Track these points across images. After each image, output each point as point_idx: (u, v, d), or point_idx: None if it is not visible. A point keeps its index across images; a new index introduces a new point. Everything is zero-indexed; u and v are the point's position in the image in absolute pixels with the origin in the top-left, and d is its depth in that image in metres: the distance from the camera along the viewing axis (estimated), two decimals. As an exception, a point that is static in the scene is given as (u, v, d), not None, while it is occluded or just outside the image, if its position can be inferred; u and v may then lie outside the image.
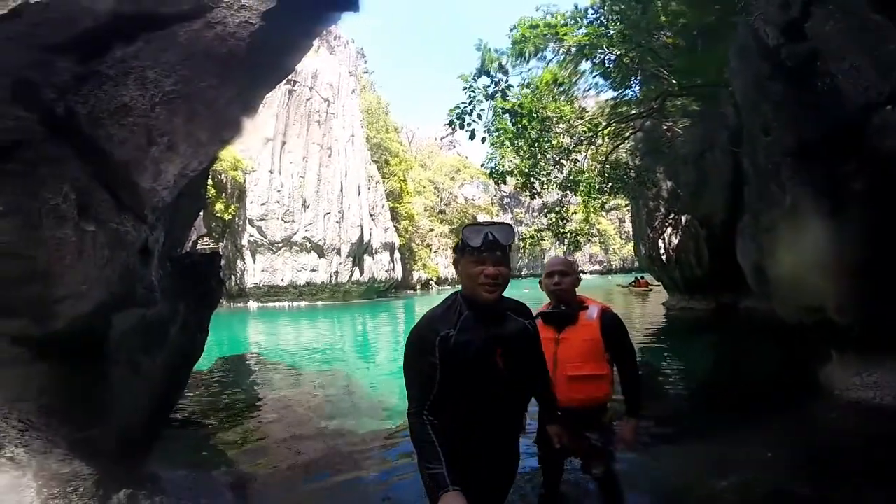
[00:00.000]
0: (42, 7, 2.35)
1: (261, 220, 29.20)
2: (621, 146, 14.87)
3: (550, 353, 2.45)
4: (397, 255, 37.68)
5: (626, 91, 11.15)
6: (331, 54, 33.61)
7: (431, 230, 46.84)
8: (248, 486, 3.45)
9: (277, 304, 30.66)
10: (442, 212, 50.16)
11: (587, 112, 12.12)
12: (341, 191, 30.41)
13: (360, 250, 33.29)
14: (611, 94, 11.67)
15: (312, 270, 31.06)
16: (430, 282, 46.54)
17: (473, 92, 6.86)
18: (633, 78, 10.36)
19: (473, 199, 55.65)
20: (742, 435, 4.34)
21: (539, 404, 2.14)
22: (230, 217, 28.76)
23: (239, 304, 30.56)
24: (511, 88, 7.12)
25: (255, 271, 30.44)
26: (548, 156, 12.56)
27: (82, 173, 2.36)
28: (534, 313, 2.71)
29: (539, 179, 12.34)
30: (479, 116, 7.58)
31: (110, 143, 2.27)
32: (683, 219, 17.03)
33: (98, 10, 2.23)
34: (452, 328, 1.70)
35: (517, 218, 63.78)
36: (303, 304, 30.89)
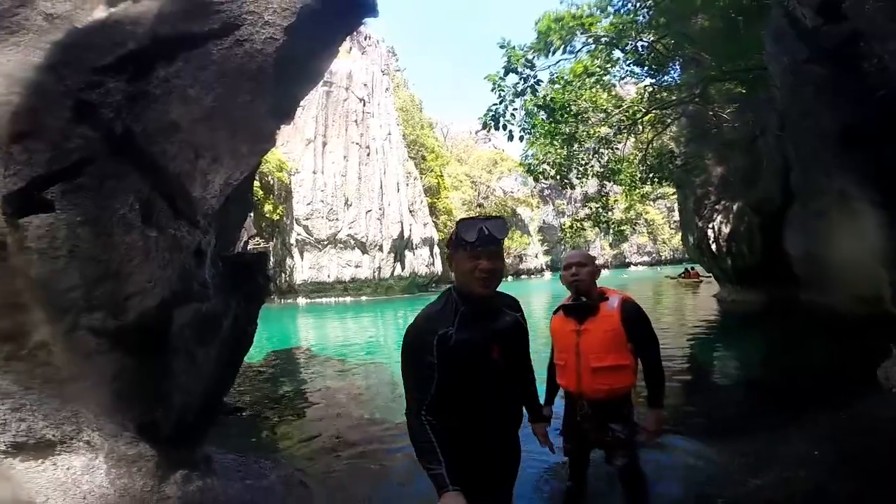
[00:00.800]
0: (93, 31, 2.69)
1: (307, 219, 30.41)
2: (664, 133, 14.32)
3: (573, 345, 2.54)
4: (437, 249, 38.11)
5: (665, 77, 10.72)
6: (363, 55, 34.36)
7: (472, 224, 47.04)
8: (290, 470, 3.74)
9: (324, 299, 31.91)
10: (480, 205, 50.08)
11: (624, 100, 11.78)
12: (381, 188, 31.13)
13: (401, 246, 33.94)
14: (649, 81, 11.25)
15: (356, 266, 32.03)
16: (471, 276, 46.70)
17: (503, 91, 6.86)
18: (670, 64, 9.95)
19: (512, 192, 55.06)
20: (789, 431, 4.22)
21: (524, 403, 2.11)
22: (278, 217, 30.14)
23: (288, 300, 32.06)
24: (540, 83, 7.05)
25: (302, 268, 31.78)
26: (585, 146, 12.32)
27: (143, 185, 2.68)
28: (556, 307, 2.79)
29: (575, 170, 12.15)
30: (513, 115, 7.56)
31: (164, 158, 2.57)
32: (735, 206, 16.16)
33: (138, 33, 2.53)
34: (451, 326, 1.71)
35: (559, 209, 62.53)
36: (348, 299, 31.97)
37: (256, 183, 25.27)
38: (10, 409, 3.12)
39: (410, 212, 34.46)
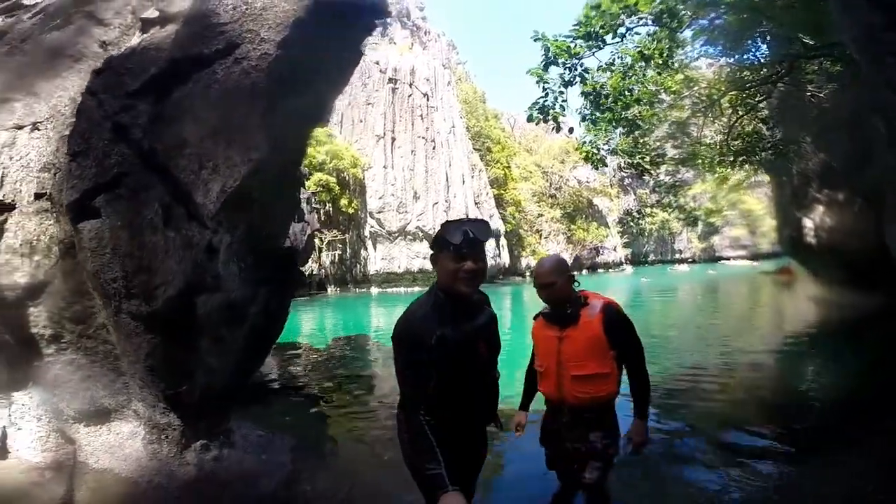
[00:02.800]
0: (125, 58, 3.14)
1: (379, 212, 31.78)
2: (750, 115, 12.84)
3: (553, 352, 2.46)
4: (503, 241, 37.76)
5: (744, 56, 9.57)
6: (424, 50, 34.75)
7: (541, 216, 45.69)
8: (310, 450, 4.04)
9: (395, 289, 33.24)
10: (552, 196, 48.50)
11: (695, 81, 10.75)
12: (446, 181, 31.53)
13: (468, 238, 34.15)
14: (724, 60, 10.13)
15: (425, 258, 32.83)
16: (541, 268, 45.57)
17: (547, 83, 6.62)
18: (748, 42, 8.87)
19: (587, 182, 52.59)
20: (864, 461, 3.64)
21: None
22: (353, 211, 31.84)
23: (363, 289, 33.89)
24: (588, 72, 6.69)
25: (375, 259, 33.34)
26: (656, 132, 11.44)
27: (164, 194, 3.11)
28: (536, 313, 2.71)
29: (644, 156, 11.36)
30: (562, 107, 7.26)
31: (177, 170, 2.97)
32: (840, 196, 14.04)
33: (160, 58, 2.91)
34: (446, 326, 1.73)
35: (641, 199, 58.60)
36: (417, 289, 32.98)
37: (333, 179, 26.96)
38: (80, 380, 3.81)
39: (476, 204, 34.52)
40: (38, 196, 3.97)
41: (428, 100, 31.30)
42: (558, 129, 7.97)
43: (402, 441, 1.78)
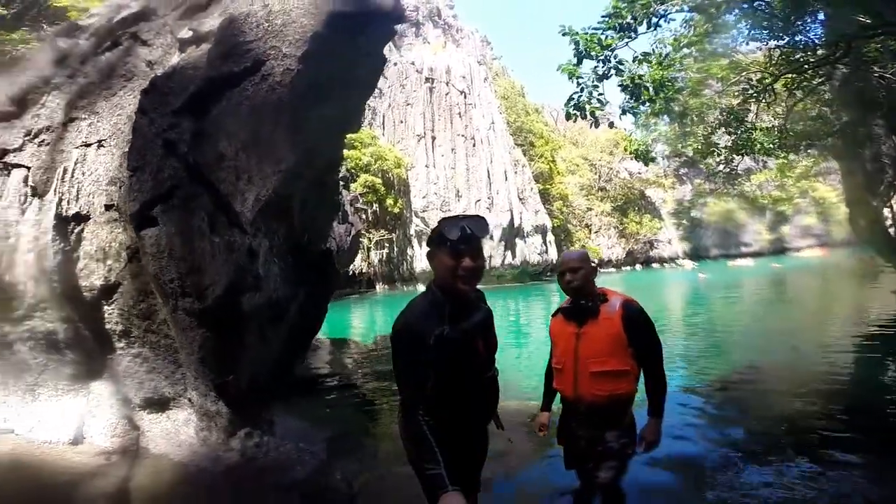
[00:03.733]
0: (167, 77, 3.47)
1: (423, 211, 32.19)
2: (810, 99, 11.84)
3: (571, 348, 2.43)
4: (550, 237, 37.04)
5: (797, 38, 8.86)
6: (458, 48, 34.60)
7: (590, 209, 44.32)
8: (346, 442, 4.23)
9: (439, 287, 33.54)
10: (602, 189, 46.86)
11: (742, 67, 10.08)
12: (488, 178, 31.38)
13: (511, 234, 33.84)
14: (774, 43, 9.38)
15: (469, 255, 32.94)
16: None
17: (580, 78, 6.47)
18: (798, 24, 8.20)
19: (639, 173, 50.32)
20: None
21: None
22: (399, 210, 32.47)
23: (410, 287, 34.52)
24: (623, 64, 6.46)
25: (421, 257, 33.76)
26: (707, 120, 10.83)
27: (208, 203, 3.43)
28: (555, 309, 2.71)
29: (695, 146, 10.81)
30: (599, 101, 7.07)
31: (218, 182, 3.27)
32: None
33: (197, 76, 3.21)
34: (444, 324, 1.72)
35: (698, 190, 55.37)
36: (461, 286, 33.12)
37: (378, 180, 27.66)
38: (146, 371, 4.27)
39: (520, 199, 34.10)
40: (107, 207, 4.47)
41: (465, 97, 31.30)
42: (597, 124, 7.78)
43: (403, 441, 1.77)
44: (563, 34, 5.76)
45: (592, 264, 2.56)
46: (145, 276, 4.13)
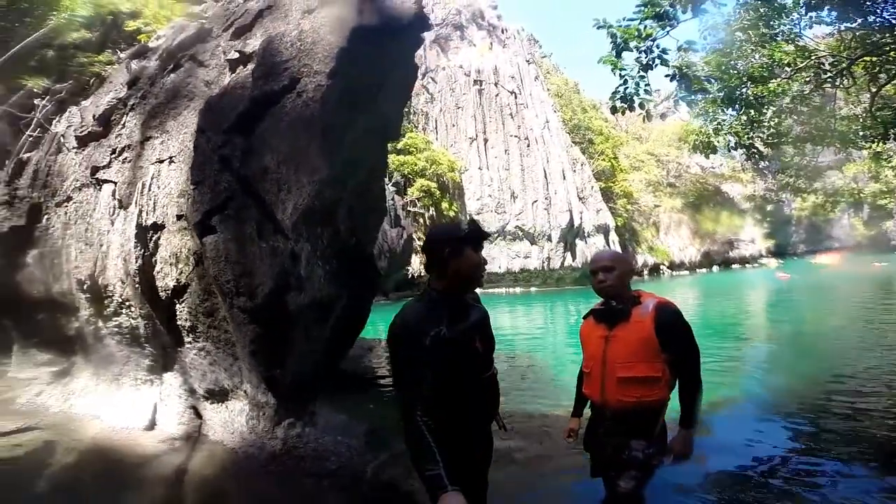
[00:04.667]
0: (219, 98, 3.83)
1: (478, 213, 32.17)
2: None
3: (600, 352, 2.35)
4: (614, 237, 35.50)
5: (872, 19, 7.86)
6: (504, 48, 34.05)
7: (657, 206, 41.85)
8: (383, 437, 4.36)
9: (496, 290, 33.37)
10: (671, 185, 44.03)
11: (810, 51, 9.13)
12: (545, 177, 30.74)
13: (571, 235, 32.90)
14: (845, 25, 8.35)
15: (525, 257, 32.46)
16: (661, 266, 41.50)
17: (623, 70, 6.24)
18: (868, 4, 7.26)
19: (712, 167, 46.74)
20: None
21: None
22: (454, 213, 32.76)
23: (466, 289, 34.67)
24: (667, 53, 6.12)
25: (476, 260, 33.80)
26: (774, 108, 9.93)
27: (256, 212, 3.75)
28: (586, 312, 2.64)
29: (763, 136, 9.94)
30: (647, 92, 6.79)
31: (263, 193, 3.58)
32: None
33: (244, 95, 3.53)
34: (442, 325, 1.75)
35: (781, 183, 50.40)
36: (518, 290, 32.70)
37: (433, 184, 28.12)
38: (208, 364, 4.72)
39: (580, 198, 33.01)
40: (178, 217, 5.01)
41: (516, 97, 30.89)
42: (648, 117, 7.43)
43: (405, 442, 1.77)
44: (598, 27, 5.56)
45: (629, 267, 2.48)
46: (208, 277, 4.58)
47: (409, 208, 26.85)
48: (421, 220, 28.79)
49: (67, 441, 4.04)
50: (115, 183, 5.39)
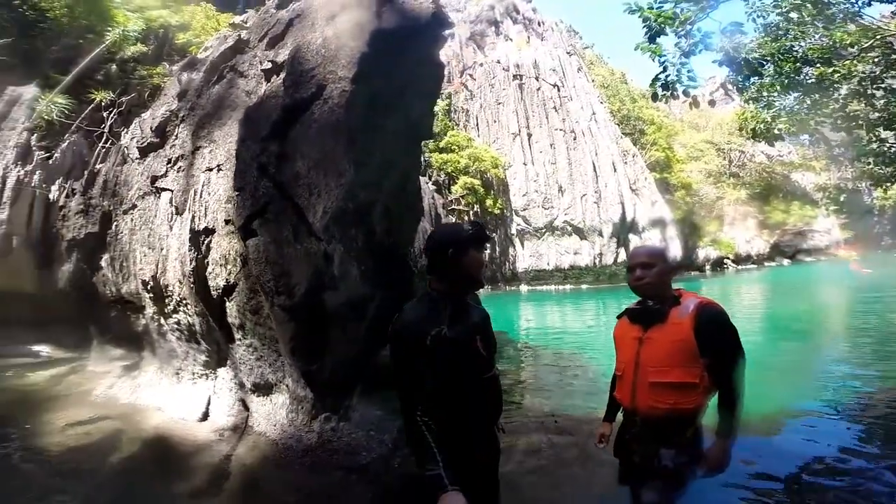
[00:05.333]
0: (256, 108, 4.01)
1: (524, 209, 31.75)
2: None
3: (633, 354, 2.25)
4: (671, 230, 33.73)
5: None
6: (542, 41, 33.08)
7: (720, 198, 39.27)
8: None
9: (545, 287, 32.72)
10: (734, 175, 41.13)
11: (874, 31, 8.18)
12: (594, 171, 29.75)
13: (624, 229, 31.64)
14: None
15: (575, 253, 31.61)
16: (725, 260, 38.89)
17: (662, 56, 5.90)
18: None
19: (780, 155, 43.08)
20: None
21: None
22: (499, 210, 32.49)
23: (512, 287, 34.28)
24: (710, 37, 5.70)
25: (524, 257, 33.35)
26: (841, 92, 9.02)
27: (292, 215, 3.91)
28: (620, 312, 2.52)
29: (832, 120, 9.06)
30: (691, 77, 6.42)
31: (297, 197, 3.72)
32: None
33: (278, 104, 3.68)
34: (443, 325, 1.76)
35: (859, 171, 45.53)
36: (568, 287, 31.87)
37: (477, 181, 28.03)
38: (255, 359, 4.98)
39: (633, 191, 31.64)
40: (226, 222, 5.32)
41: (559, 90, 30.08)
42: (695, 104, 6.98)
43: (406, 442, 1.84)
44: (630, 12, 5.27)
45: (669, 264, 2.34)
46: (252, 277, 4.84)
47: (452, 206, 26.96)
48: (465, 218, 28.80)
49: (132, 430, 4.44)
50: (172, 191, 5.83)
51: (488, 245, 1.90)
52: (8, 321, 8.84)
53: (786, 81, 6.85)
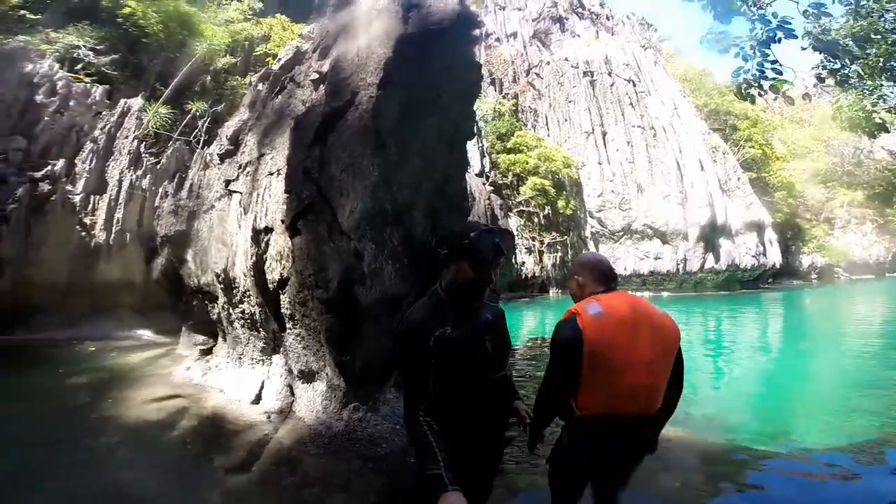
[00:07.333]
0: (304, 116, 4.31)
1: (599, 211, 30.28)
2: None
3: None
4: (770, 234, 30.23)
5: None
6: (613, 35, 30.95)
7: (830, 200, 34.41)
8: None
9: (621, 292, 30.88)
10: (848, 174, 35.75)
11: None
12: (678, 169, 27.54)
13: (714, 233, 28.91)
14: None
15: (656, 258, 29.49)
16: (836, 268, 34.06)
17: (740, 48, 5.35)
18: None
19: (910, 149, 36.64)
20: None
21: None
22: (572, 212, 31.35)
23: (585, 292, 32.85)
24: (790, 21, 5.04)
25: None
26: None
27: (328, 215, 4.17)
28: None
29: None
30: (777, 70, 5.80)
31: (332, 199, 3.97)
32: None
33: (321, 112, 3.94)
34: (447, 326, 1.74)
35: None
36: (646, 294, 29.85)
37: (548, 182, 27.34)
38: (302, 348, 5.36)
39: (724, 192, 28.77)
40: (282, 222, 5.81)
41: (634, 85, 28.14)
42: (789, 100, 6.23)
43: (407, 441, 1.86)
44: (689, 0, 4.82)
45: (590, 272, 2.19)
46: (298, 272, 5.23)
47: (521, 208, 26.53)
48: (535, 220, 28.17)
49: (195, 408, 5.02)
50: (241, 193, 6.47)
51: (497, 258, 1.76)
52: (118, 308, 10.41)
53: (880, 65, 5.88)
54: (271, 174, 5.83)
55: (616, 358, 1.89)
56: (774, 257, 30.74)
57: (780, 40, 5.39)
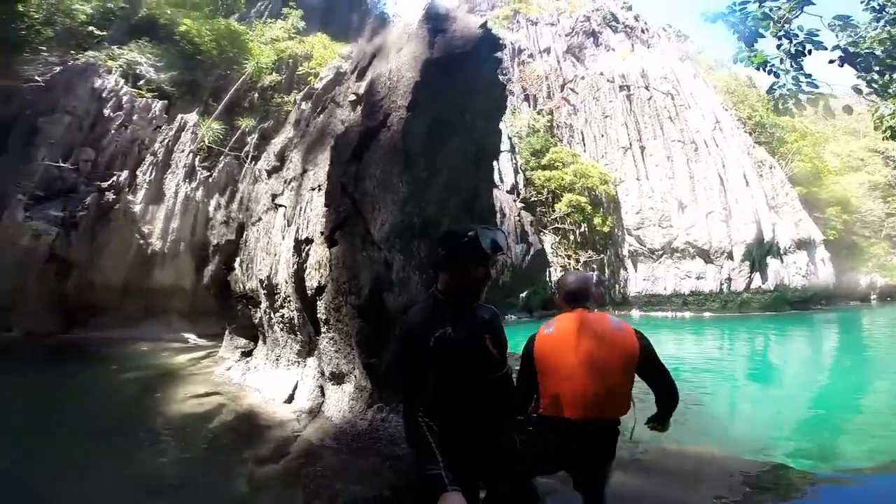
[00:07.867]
0: (342, 136, 4.69)
1: (637, 228, 29.56)
2: None
3: None
4: (822, 253, 28.54)
5: None
6: (648, 49, 30.30)
7: (890, 216, 32.09)
8: None
9: (660, 313, 29.89)
10: (914, 189, 33.28)
11: None
12: (721, 185, 26.60)
13: (761, 252, 27.60)
14: None
15: (698, 278, 28.40)
16: (899, 290, 31.53)
17: (768, 64, 5.33)
18: None
19: None
20: None
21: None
22: (608, 229, 30.74)
23: (623, 311, 31.94)
24: (816, 35, 4.98)
25: (636, 280, 30.83)
26: None
27: (362, 228, 4.51)
28: None
29: None
30: (812, 84, 5.74)
31: (364, 212, 4.29)
32: None
33: (357, 131, 4.30)
34: (447, 326, 1.76)
35: None
36: (687, 314, 28.70)
37: (584, 198, 27.08)
38: (334, 351, 5.69)
39: (771, 207, 27.49)
40: (321, 233, 6.23)
41: (673, 99, 27.49)
42: (829, 113, 6.13)
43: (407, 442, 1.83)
44: (709, 21, 4.90)
45: (562, 289, 2.41)
46: (335, 280, 5.59)
47: (557, 225, 26.34)
48: (571, 238, 27.85)
49: (232, 406, 5.43)
50: (286, 206, 6.98)
51: (495, 259, 1.85)
52: (169, 312, 11.22)
53: None
54: (313, 189, 6.28)
55: (559, 366, 2.16)
56: (827, 277, 28.93)
57: (809, 52, 5.36)
